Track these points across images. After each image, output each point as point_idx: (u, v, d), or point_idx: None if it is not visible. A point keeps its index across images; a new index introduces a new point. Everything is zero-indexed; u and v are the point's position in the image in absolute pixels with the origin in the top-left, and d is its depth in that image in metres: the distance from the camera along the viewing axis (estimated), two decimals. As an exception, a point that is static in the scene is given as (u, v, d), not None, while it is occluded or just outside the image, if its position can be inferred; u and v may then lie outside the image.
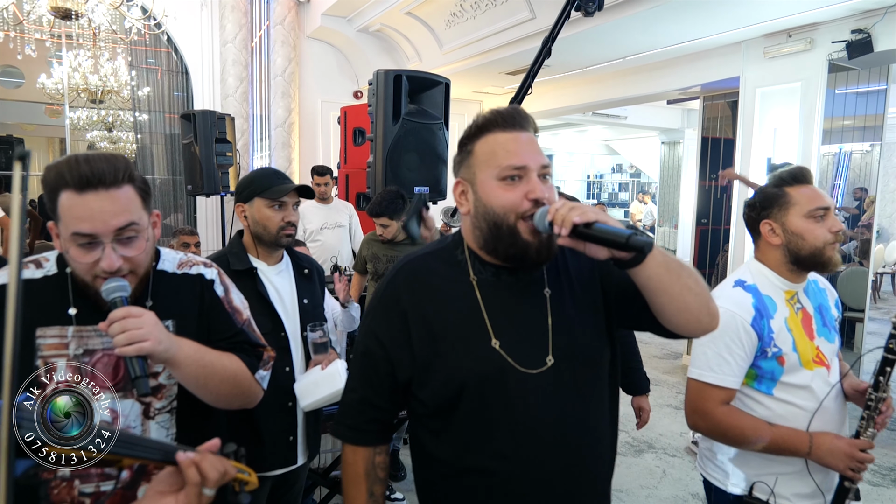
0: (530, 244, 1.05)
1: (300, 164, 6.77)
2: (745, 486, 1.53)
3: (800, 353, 1.47)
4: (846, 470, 1.40)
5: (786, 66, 4.58)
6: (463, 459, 1.10)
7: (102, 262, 1.05)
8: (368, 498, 1.18)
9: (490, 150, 1.09)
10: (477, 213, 1.10)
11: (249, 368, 1.27)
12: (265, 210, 1.84)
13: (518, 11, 4.92)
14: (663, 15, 4.26)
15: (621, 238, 0.94)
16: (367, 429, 1.19)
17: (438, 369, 1.09)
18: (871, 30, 3.99)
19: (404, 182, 3.49)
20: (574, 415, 1.09)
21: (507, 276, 1.12)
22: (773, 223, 1.52)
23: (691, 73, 5.46)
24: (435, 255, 1.19)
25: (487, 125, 1.10)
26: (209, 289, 1.27)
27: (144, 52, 6.93)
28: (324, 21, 6.43)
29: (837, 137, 5.20)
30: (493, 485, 1.08)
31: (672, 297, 1.02)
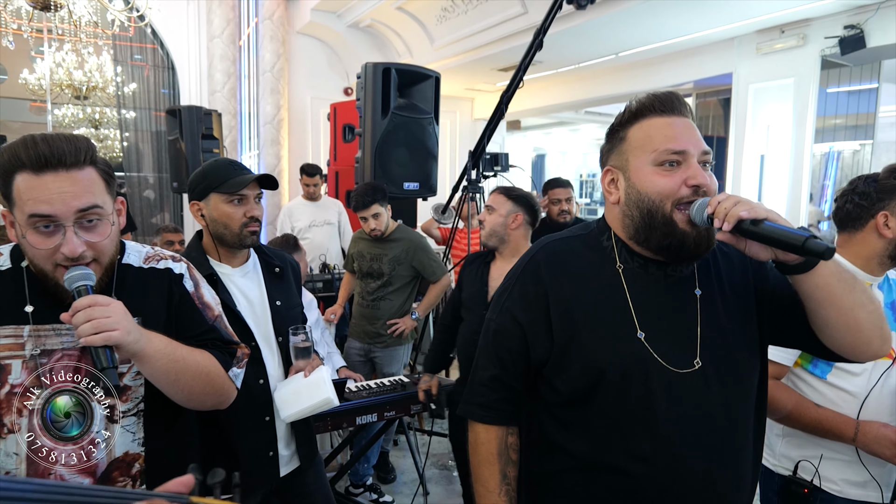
0: (688, 234, 0.98)
1: (289, 162, 6.69)
2: (790, 465, 1.55)
3: None
4: (893, 458, 1.39)
5: (779, 62, 4.56)
6: (594, 455, 1.04)
7: (64, 247, 0.99)
8: (502, 480, 1.13)
9: (646, 135, 1.03)
10: (629, 201, 1.04)
11: (223, 365, 1.21)
12: (224, 206, 1.64)
13: (510, 6, 4.87)
14: (656, 10, 4.22)
15: (797, 240, 0.85)
16: (499, 408, 1.15)
17: (577, 355, 1.04)
18: (864, 25, 3.97)
19: (394, 177, 3.42)
20: (719, 424, 1.01)
21: (655, 270, 1.06)
22: (889, 214, 1.50)
23: (684, 69, 5.43)
24: (579, 238, 1.14)
25: (643, 110, 1.05)
26: (178, 284, 1.20)
27: (130, 47, 6.81)
28: (313, 16, 6.35)
29: (829, 136, 5.20)
30: (625, 486, 1.02)
31: (841, 311, 0.93)
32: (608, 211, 1.13)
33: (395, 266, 3.15)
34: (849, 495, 1.50)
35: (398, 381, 2.69)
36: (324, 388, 1.63)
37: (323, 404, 1.63)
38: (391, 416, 2.57)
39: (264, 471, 1.70)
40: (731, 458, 1.04)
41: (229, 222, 1.64)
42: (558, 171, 16.90)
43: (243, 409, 1.61)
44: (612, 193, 1.09)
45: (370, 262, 3.21)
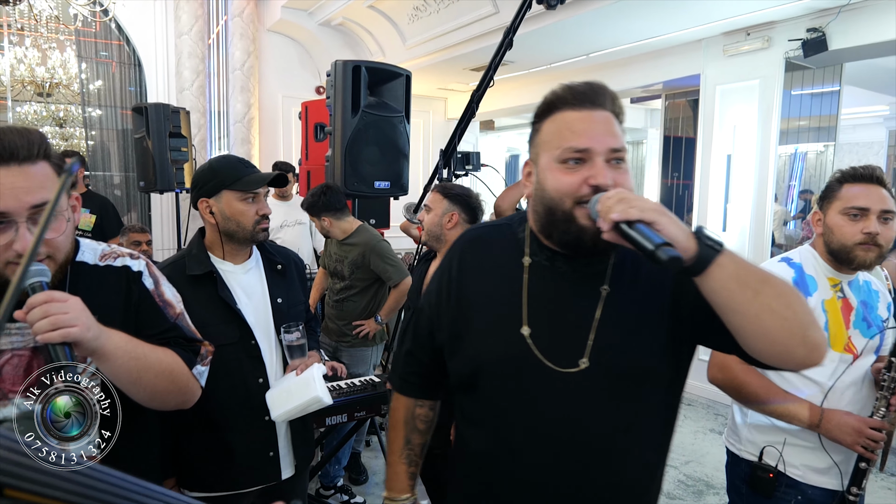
0: (585, 229, 0.95)
1: (260, 161, 6.59)
2: (756, 451, 1.61)
3: (830, 334, 1.55)
4: (854, 445, 1.44)
5: (744, 64, 4.65)
6: (477, 443, 1.09)
7: (17, 243, 0.96)
8: (405, 445, 1.23)
9: (556, 130, 1.00)
10: (536, 196, 1.04)
11: (186, 363, 1.18)
12: (237, 204, 1.64)
13: (481, 6, 4.87)
14: (625, 11, 4.26)
15: (647, 246, 0.81)
16: (409, 380, 1.24)
17: (465, 343, 1.08)
18: (826, 28, 4.07)
19: (364, 177, 3.39)
20: (599, 427, 0.98)
21: (562, 264, 1.04)
22: (819, 213, 1.62)
23: (654, 70, 5.51)
24: (498, 228, 1.16)
25: (556, 102, 1.01)
26: (136, 282, 1.17)
27: (95, 43, 6.64)
28: (284, 14, 6.27)
29: (793, 138, 5.32)
30: (499, 477, 1.05)
31: (746, 317, 0.84)
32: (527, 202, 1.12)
33: (353, 269, 3.14)
34: (811, 481, 1.55)
35: (369, 381, 2.66)
36: (313, 386, 1.60)
37: (312, 403, 1.60)
38: (362, 417, 2.55)
39: (264, 471, 1.67)
40: (611, 461, 1.00)
41: (242, 220, 1.65)
42: (532, 171, 16.98)
43: (242, 407, 1.62)
44: (526, 186, 1.08)
45: (335, 263, 3.21)
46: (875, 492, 3.31)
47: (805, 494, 1.56)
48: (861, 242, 1.50)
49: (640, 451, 1.03)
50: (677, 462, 3.61)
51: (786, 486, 1.56)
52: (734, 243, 4.90)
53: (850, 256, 1.52)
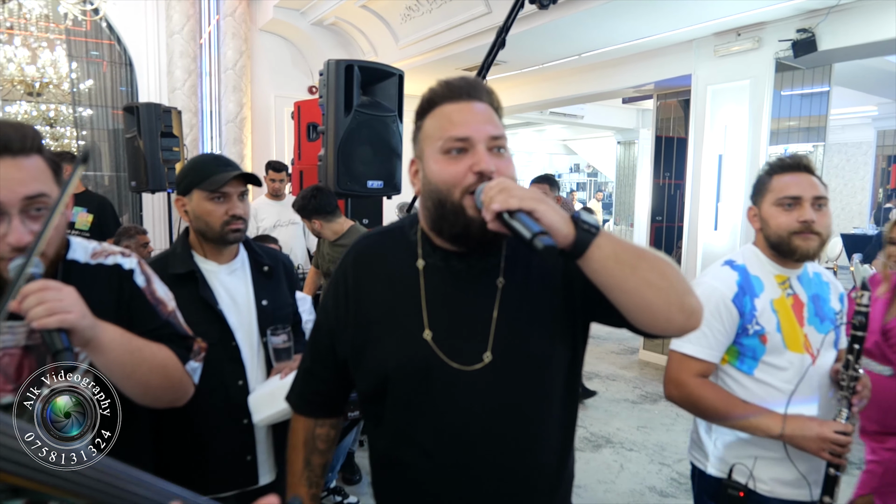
0: (474, 220, 0.94)
1: (252, 161, 6.58)
2: (724, 468, 1.54)
3: (784, 335, 1.48)
4: (820, 452, 1.38)
5: (735, 65, 4.68)
6: (391, 451, 1.06)
7: (9, 236, 0.94)
8: (305, 466, 1.18)
9: (436, 124, 1.00)
10: (424, 191, 1.03)
11: (180, 359, 1.17)
12: (205, 203, 1.60)
13: (474, 6, 4.88)
14: (617, 11, 4.29)
15: (525, 235, 0.83)
16: (309, 399, 1.19)
17: (369, 355, 1.04)
18: (816, 29, 4.11)
19: (357, 176, 3.39)
20: (509, 417, 1.01)
21: (456, 262, 1.03)
22: (754, 208, 1.58)
23: (645, 70, 5.54)
24: (390, 234, 1.13)
25: (436, 98, 1.02)
26: (128, 280, 1.16)
27: (85, 43, 6.61)
28: (276, 13, 6.26)
29: (783, 138, 5.36)
30: (416, 480, 1.04)
31: (627, 293, 0.89)
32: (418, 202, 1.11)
33: None
34: (780, 495, 1.49)
35: (362, 380, 2.66)
36: None
37: None
38: (355, 416, 2.54)
39: (240, 477, 1.63)
40: (524, 449, 1.02)
41: (210, 220, 1.61)
42: (524, 171, 17.05)
43: (220, 410, 1.57)
44: (415, 184, 1.07)
45: (328, 264, 3.20)
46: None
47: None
48: (797, 231, 1.46)
49: (549, 436, 1.06)
50: (670, 460, 3.63)
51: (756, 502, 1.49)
52: (726, 242, 4.93)
53: (791, 247, 1.47)
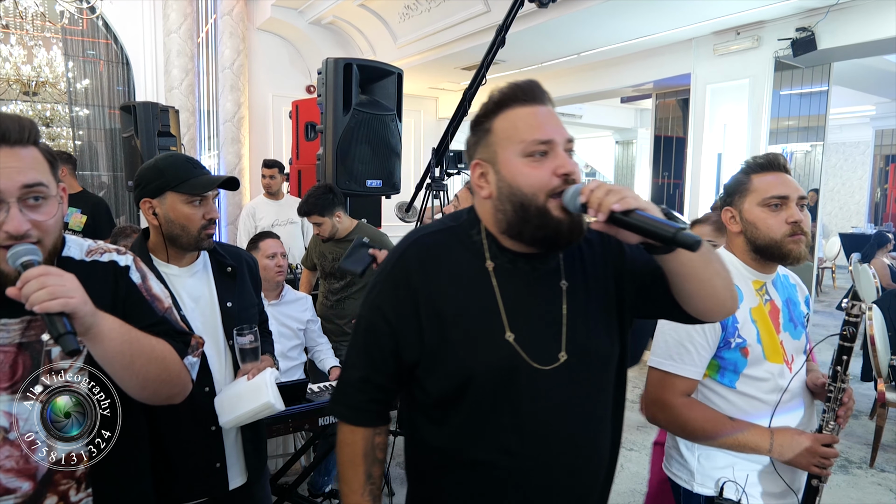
0: (562, 222, 0.98)
1: (250, 160, 6.55)
2: (712, 485, 1.45)
3: (764, 346, 1.43)
4: (810, 466, 1.35)
5: (734, 63, 4.67)
6: (465, 451, 1.05)
7: (7, 224, 0.94)
8: (367, 480, 1.12)
9: (511, 126, 1.01)
10: (501, 195, 1.02)
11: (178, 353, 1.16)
12: (182, 207, 1.54)
13: (473, 5, 4.87)
14: (615, 10, 4.28)
15: (668, 232, 0.86)
16: (367, 409, 1.12)
17: (447, 358, 1.03)
18: (815, 28, 4.10)
19: (356, 175, 3.37)
20: (582, 414, 1.05)
21: (523, 264, 1.05)
22: (732, 210, 1.49)
23: (644, 69, 5.53)
24: (449, 232, 1.11)
25: (506, 100, 1.03)
26: (124, 276, 1.15)
27: (82, 42, 6.57)
28: (274, 12, 6.24)
29: (782, 138, 5.36)
30: (495, 479, 1.04)
31: (702, 282, 0.98)
32: (479, 205, 1.10)
33: None
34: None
35: (361, 380, 2.64)
36: (264, 391, 1.52)
37: (263, 409, 1.52)
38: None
39: (209, 484, 1.59)
40: (592, 444, 1.08)
41: (188, 224, 1.55)
42: (523, 171, 17.06)
43: (186, 418, 1.52)
44: (482, 188, 1.06)
45: (332, 263, 3.17)
46: (865, 487, 3.33)
47: None
48: (790, 234, 1.40)
49: (608, 432, 1.11)
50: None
51: None
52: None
53: (784, 251, 1.41)
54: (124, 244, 3.55)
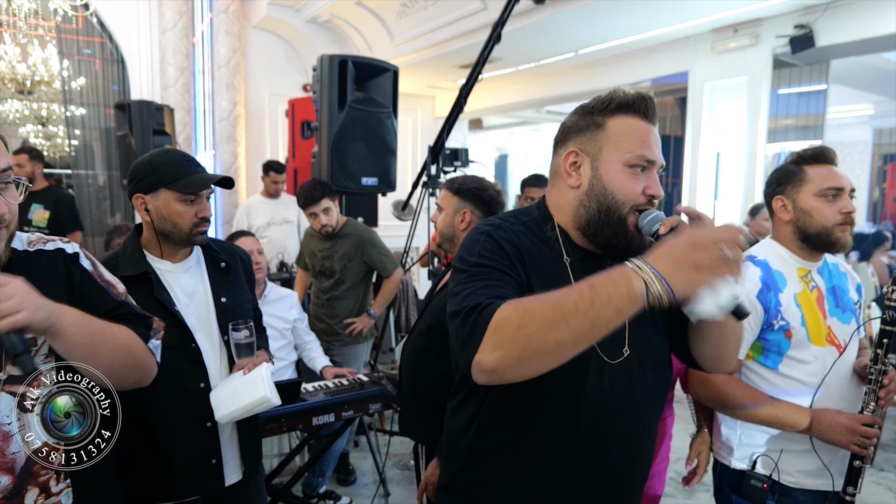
0: (635, 238, 1.04)
1: (246, 159, 6.52)
2: (748, 461, 1.55)
3: (808, 329, 1.49)
4: (849, 445, 1.40)
5: (732, 61, 4.65)
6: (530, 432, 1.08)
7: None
8: None
9: (627, 132, 1.04)
10: (591, 192, 1.06)
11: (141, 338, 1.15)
12: (175, 205, 1.53)
13: (469, 3, 4.84)
14: (613, 7, 4.25)
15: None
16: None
17: None
18: (813, 25, 4.08)
19: (352, 173, 3.35)
20: (638, 410, 1.10)
21: (592, 262, 1.09)
22: (785, 199, 1.55)
23: (642, 67, 5.51)
24: (524, 224, 1.13)
25: (629, 106, 1.06)
26: (75, 263, 1.14)
27: (77, 41, 6.54)
28: (270, 11, 6.21)
29: (780, 136, 5.34)
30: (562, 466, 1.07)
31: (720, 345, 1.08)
32: (558, 194, 1.11)
33: (345, 263, 3.10)
34: (804, 485, 1.51)
35: (356, 380, 2.61)
36: (261, 386, 1.52)
37: (259, 404, 1.52)
38: (349, 416, 2.49)
39: (205, 479, 1.58)
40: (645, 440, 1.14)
41: (180, 221, 1.55)
42: (521, 171, 17.03)
43: (182, 413, 1.52)
44: (571, 176, 1.08)
45: (322, 261, 3.15)
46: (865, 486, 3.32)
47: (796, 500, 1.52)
48: (840, 223, 1.48)
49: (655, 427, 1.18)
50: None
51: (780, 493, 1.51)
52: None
53: (832, 239, 1.49)
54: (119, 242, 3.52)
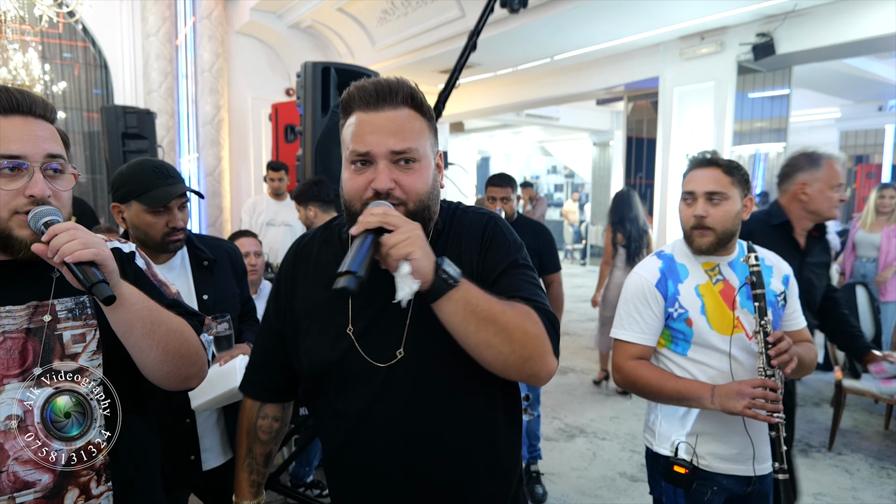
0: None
1: (230, 163, 6.60)
2: (670, 446, 1.60)
3: (709, 317, 1.55)
4: (744, 410, 1.40)
5: (700, 67, 4.86)
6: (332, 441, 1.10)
7: (32, 187, 0.94)
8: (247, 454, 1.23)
9: (347, 131, 1.00)
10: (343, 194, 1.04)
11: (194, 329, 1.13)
12: (145, 216, 1.57)
13: (447, 10, 4.99)
14: (585, 15, 4.43)
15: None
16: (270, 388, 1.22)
17: (304, 349, 1.08)
18: (774, 33, 4.29)
19: (335, 175, 3.44)
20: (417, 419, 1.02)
21: None
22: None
23: (615, 73, 5.70)
24: (327, 231, 1.15)
25: (350, 104, 1.01)
26: (130, 262, 1.15)
27: (59, 45, 6.56)
28: (253, 16, 6.30)
29: (747, 139, 5.55)
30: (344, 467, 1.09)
31: (468, 347, 0.94)
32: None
33: None
34: (721, 470, 1.55)
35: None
36: (234, 377, 1.55)
37: (232, 394, 1.56)
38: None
39: (183, 475, 1.65)
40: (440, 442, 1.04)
41: (150, 231, 1.60)
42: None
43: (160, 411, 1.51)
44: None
45: None
46: (823, 469, 3.50)
47: (720, 485, 1.56)
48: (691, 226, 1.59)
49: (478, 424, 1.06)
50: (641, 447, 3.77)
51: (700, 478, 1.55)
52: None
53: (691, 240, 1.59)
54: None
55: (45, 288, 1.00)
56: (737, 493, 1.59)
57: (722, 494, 1.57)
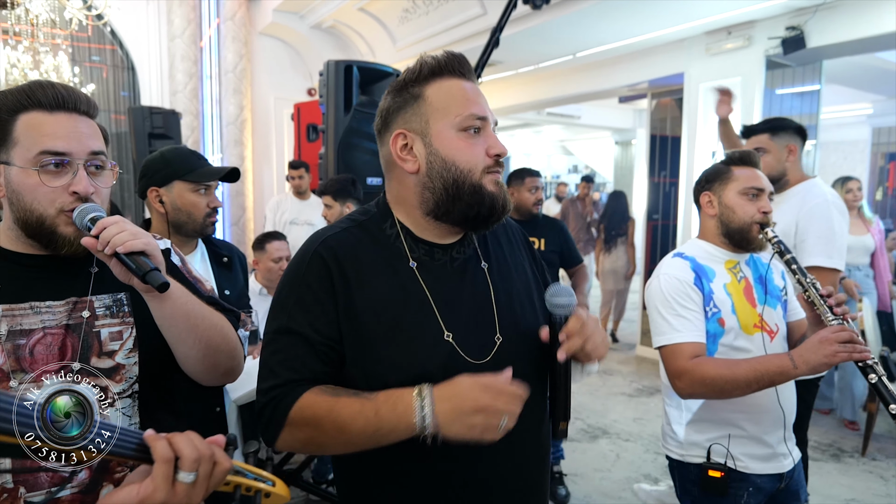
0: (497, 196, 0.95)
1: (253, 162, 6.67)
2: (701, 452, 1.55)
3: (739, 316, 1.54)
4: (834, 356, 1.29)
5: (726, 63, 4.76)
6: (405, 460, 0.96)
7: (76, 184, 0.95)
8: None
9: (447, 95, 0.94)
10: (431, 171, 0.95)
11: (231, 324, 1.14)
12: (189, 195, 1.63)
13: (469, 8, 4.97)
14: (608, 11, 4.37)
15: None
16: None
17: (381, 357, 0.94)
18: (804, 27, 4.19)
19: (357, 173, 3.48)
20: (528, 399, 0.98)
21: (441, 255, 1.00)
22: (711, 195, 1.65)
23: (639, 69, 5.62)
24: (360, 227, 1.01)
25: (442, 69, 0.95)
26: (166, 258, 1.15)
27: (88, 48, 6.69)
28: (276, 17, 6.35)
29: (778, 135, 5.40)
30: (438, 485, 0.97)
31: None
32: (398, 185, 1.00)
33: None
34: (755, 470, 1.53)
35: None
36: None
37: None
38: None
39: None
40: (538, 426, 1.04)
41: (194, 211, 1.65)
42: (524, 172, 17.08)
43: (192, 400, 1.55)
44: (407, 161, 0.96)
45: None
46: (856, 475, 3.41)
47: (755, 485, 1.53)
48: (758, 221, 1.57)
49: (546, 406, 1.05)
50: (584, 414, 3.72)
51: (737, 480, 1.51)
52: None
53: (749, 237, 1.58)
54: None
55: (84, 284, 1.01)
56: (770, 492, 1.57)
57: (759, 496, 1.55)
